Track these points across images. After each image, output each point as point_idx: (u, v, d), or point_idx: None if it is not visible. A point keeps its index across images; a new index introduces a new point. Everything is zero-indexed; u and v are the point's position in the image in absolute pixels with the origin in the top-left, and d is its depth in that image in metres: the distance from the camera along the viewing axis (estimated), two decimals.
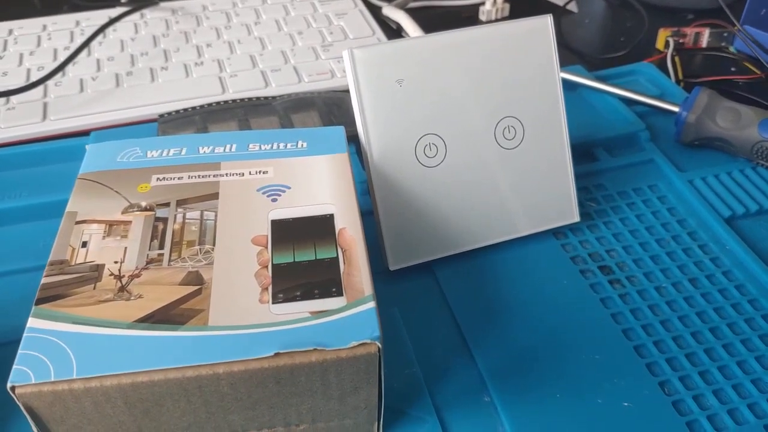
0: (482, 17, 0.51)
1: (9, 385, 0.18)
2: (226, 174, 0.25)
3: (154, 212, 0.23)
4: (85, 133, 0.37)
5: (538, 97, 0.29)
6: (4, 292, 0.28)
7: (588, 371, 0.25)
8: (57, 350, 0.19)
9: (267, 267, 0.22)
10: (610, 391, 0.24)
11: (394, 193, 0.28)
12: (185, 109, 0.36)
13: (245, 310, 0.20)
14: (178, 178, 0.25)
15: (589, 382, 0.25)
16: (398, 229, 0.28)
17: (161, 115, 0.36)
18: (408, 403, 0.24)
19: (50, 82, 0.40)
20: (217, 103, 0.36)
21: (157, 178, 0.25)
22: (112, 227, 0.23)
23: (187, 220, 0.23)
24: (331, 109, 0.37)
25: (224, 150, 0.26)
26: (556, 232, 0.31)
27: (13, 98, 0.39)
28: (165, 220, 0.23)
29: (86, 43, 0.41)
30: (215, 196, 0.24)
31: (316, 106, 0.37)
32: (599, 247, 0.30)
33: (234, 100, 0.37)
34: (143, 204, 0.24)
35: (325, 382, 0.20)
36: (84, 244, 0.22)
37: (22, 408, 0.19)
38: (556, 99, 0.30)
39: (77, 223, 0.23)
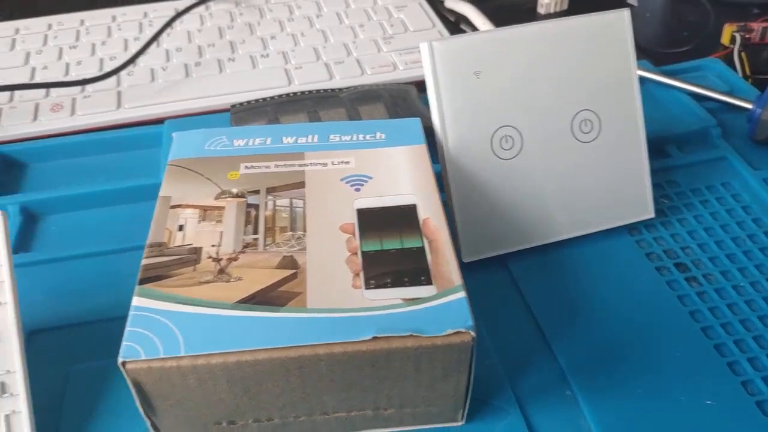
0: (540, 10, 0.51)
1: (120, 360, 0.19)
2: (310, 164, 0.26)
3: (245, 199, 0.24)
4: (158, 122, 0.38)
5: (615, 91, 0.29)
6: (83, 274, 0.29)
7: (669, 368, 0.25)
8: (163, 328, 0.19)
9: (356, 254, 0.22)
10: (692, 389, 0.24)
11: (469, 185, 0.28)
12: (256, 100, 0.37)
13: (340, 294, 0.20)
14: (266, 167, 0.25)
15: (671, 380, 0.24)
16: (472, 222, 0.28)
17: (233, 106, 0.37)
18: (489, 393, 0.24)
19: (122, 72, 0.41)
20: (287, 94, 0.37)
21: (246, 167, 0.25)
22: (206, 212, 0.23)
23: (277, 207, 0.24)
24: (397, 101, 0.38)
25: (307, 140, 0.27)
26: (630, 228, 0.31)
27: (88, 87, 0.40)
28: (257, 207, 0.24)
29: (157, 35, 0.42)
30: (302, 185, 0.25)
31: (382, 99, 0.37)
32: (674, 245, 0.30)
33: (303, 92, 0.37)
34: (234, 191, 0.24)
35: (417, 368, 0.20)
36: (180, 228, 0.23)
37: (129, 383, 0.19)
38: (634, 93, 0.30)
39: (172, 207, 0.24)
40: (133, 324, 0.20)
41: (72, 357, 0.26)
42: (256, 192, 0.24)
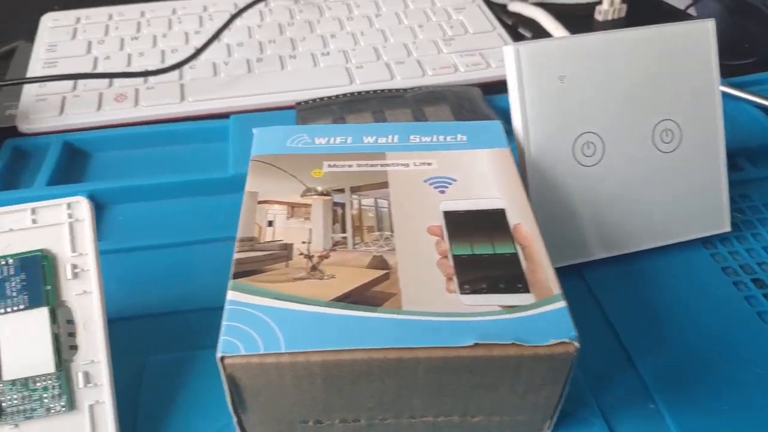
0: (598, 17, 0.50)
1: (219, 355, 0.19)
2: (392, 164, 0.26)
3: (331, 197, 0.24)
4: (221, 116, 0.38)
5: (697, 102, 0.29)
6: (153, 265, 0.29)
7: (752, 384, 0.24)
8: (261, 324, 0.19)
9: (447, 257, 0.22)
10: None
11: (550, 190, 0.28)
12: (321, 98, 0.37)
13: (435, 297, 0.20)
14: (348, 166, 0.25)
15: (755, 396, 0.24)
16: (551, 229, 0.28)
17: (299, 103, 0.36)
18: (572, 404, 0.23)
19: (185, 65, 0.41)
20: (352, 93, 0.37)
21: (329, 165, 0.25)
22: (294, 209, 0.23)
23: (363, 207, 0.24)
24: (462, 103, 0.37)
25: (387, 140, 0.27)
26: (704, 241, 0.30)
27: (152, 79, 0.40)
28: (343, 206, 0.24)
29: (220, 31, 0.42)
30: (385, 185, 0.25)
31: (447, 100, 0.37)
32: (750, 260, 0.30)
33: (367, 92, 0.37)
34: (320, 188, 0.24)
35: (514, 377, 0.20)
36: (270, 224, 0.23)
37: (224, 378, 0.19)
38: (715, 104, 0.29)
39: (260, 202, 0.24)
40: (230, 318, 0.20)
41: (147, 348, 0.26)
42: (341, 191, 0.24)
